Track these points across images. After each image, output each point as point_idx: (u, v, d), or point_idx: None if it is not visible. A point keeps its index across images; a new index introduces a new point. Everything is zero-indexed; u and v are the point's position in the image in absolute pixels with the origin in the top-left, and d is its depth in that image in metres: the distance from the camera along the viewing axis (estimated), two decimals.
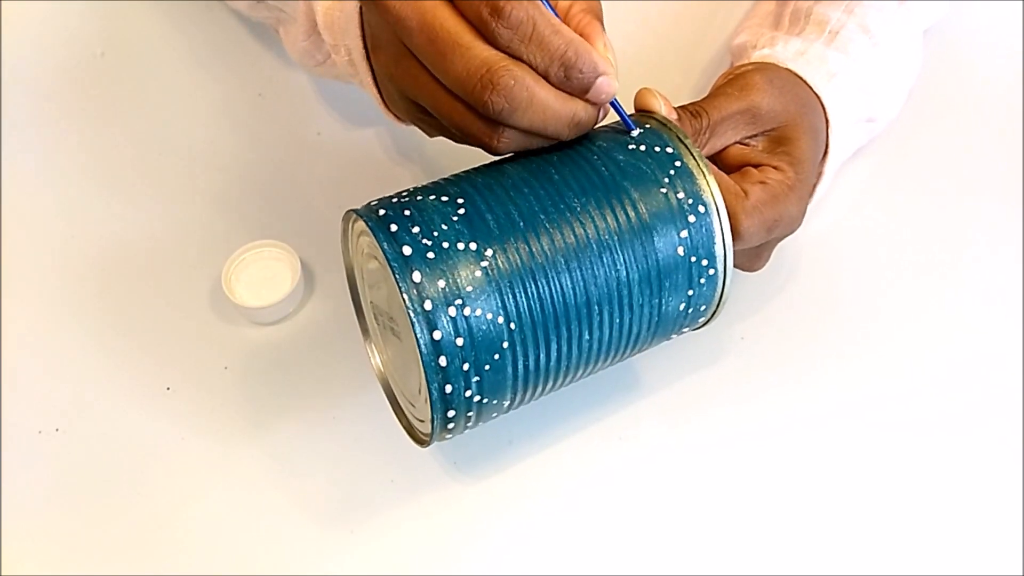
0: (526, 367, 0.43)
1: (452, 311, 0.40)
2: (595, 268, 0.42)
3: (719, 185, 0.44)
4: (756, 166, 0.49)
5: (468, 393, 0.42)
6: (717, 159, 0.51)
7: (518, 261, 0.41)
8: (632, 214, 0.43)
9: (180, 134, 0.64)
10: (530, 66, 0.41)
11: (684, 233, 0.43)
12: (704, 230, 0.44)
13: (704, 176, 0.44)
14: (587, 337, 0.43)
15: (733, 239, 0.45)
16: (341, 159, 0.63)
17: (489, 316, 0.41)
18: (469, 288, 0.40)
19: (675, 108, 0.48)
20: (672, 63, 0.66)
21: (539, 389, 0.45)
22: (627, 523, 0.51)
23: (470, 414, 0.43)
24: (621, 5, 0.67)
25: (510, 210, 0.42)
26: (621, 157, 0.44)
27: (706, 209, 0.44)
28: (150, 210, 0.61)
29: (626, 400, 0.54)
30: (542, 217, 0.42)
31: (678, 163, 0.44)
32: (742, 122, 0.49)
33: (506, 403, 0.44)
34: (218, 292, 0.57)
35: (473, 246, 0.41)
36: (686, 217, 0.43)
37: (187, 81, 0.66)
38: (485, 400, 0.43)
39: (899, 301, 0.57)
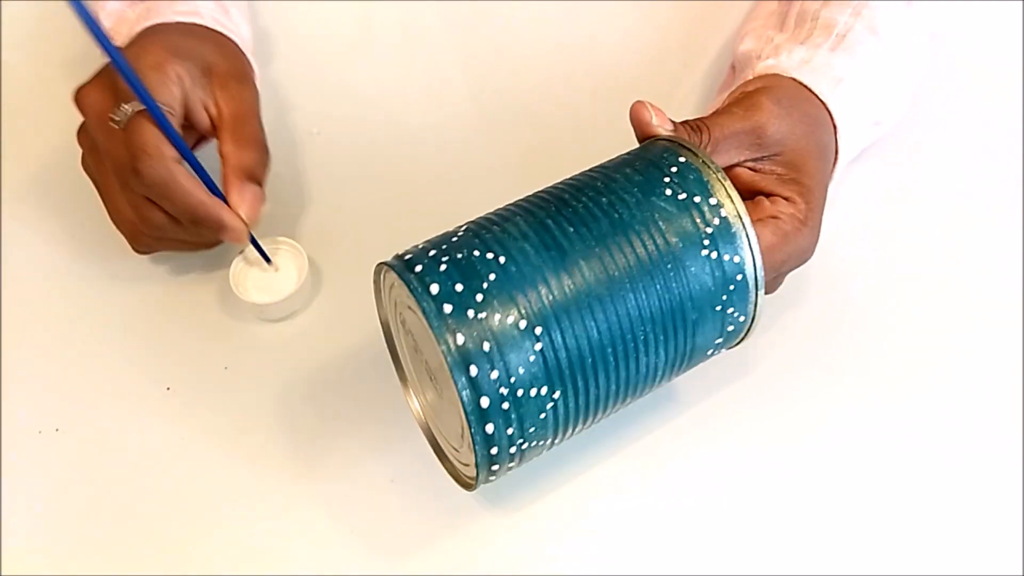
0: (566, 427, 0.44)
1: (505, 394, 0.41)
2: (628, 285, 0.42)
3: None
4: (768, 195, 0.49)
5: (511, 465, 0.44)
6: None
7: (572, 345, 0.42)
8: (654, 229, 0.43)
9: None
10: (167, 212, 0.52)
11: (708, 242, 0.43)
12: (728, 239, 0.43)
13: (723, 184, 0.44)
14: (623, 359, 0.43)
15: None
16: (342, 157, 0.63)
17: (542, 392, 0.42)
18: (522, 371, 0.41)
19: (676, 123, 0.48)
20: (674, 62, 0.66)
21: (581, 418, 0.45)
22: (624, 522, 0.51)
23: (511, 465, 0.44)
24: (623, 4, 0.67)
25: (585, 331, 0.42)
26: (637, 177, 0.44)
27: (728, 217, 0.43)
28: None
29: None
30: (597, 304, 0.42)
31: (695, 173, 0.44)
32: (746, 143, 0.49)
33: (548, 439, 0.45)
34: (226, 290, 0.57)
35: (538, 389, 0.42)
36: (710, 224, 0.43)
37: None
38: (526, 442, 0.44)
39: (904, 302, 0.57)
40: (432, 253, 0.43)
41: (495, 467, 0.43)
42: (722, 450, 0.53)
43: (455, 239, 0.43)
